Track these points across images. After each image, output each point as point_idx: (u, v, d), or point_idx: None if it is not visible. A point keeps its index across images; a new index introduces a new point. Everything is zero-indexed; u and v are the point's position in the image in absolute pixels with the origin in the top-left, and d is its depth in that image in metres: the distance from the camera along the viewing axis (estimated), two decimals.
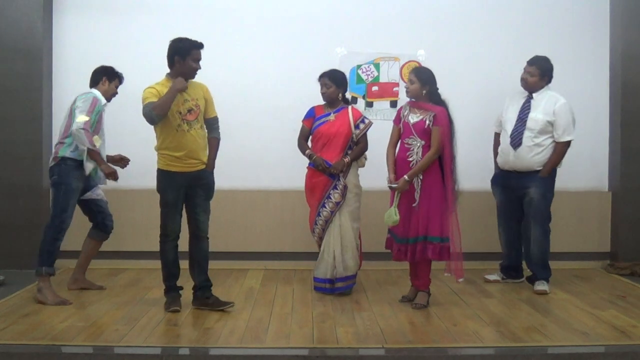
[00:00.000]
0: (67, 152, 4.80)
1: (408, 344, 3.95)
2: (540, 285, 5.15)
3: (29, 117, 5.83)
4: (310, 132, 5.20)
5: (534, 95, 5.23)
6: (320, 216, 5.08)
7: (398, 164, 4.73)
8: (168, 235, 4.60)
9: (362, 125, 5.11)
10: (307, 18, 6.11)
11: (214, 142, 4.66)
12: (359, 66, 6.08)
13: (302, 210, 6.02)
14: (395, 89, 6.05)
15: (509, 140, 5.23)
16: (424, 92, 4.70)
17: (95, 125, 4.84)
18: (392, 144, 4.84)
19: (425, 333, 4.16)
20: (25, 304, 4.71)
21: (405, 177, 4.62)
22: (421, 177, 4.65)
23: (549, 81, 5.25)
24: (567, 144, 5.18)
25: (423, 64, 5.81)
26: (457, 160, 4.75)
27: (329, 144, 5.07)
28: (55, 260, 4.81)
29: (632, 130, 5.99)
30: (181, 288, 4.71)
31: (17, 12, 5.83)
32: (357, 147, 5.12)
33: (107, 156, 5.04)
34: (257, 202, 6.00)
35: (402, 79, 6.00)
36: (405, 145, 4.73)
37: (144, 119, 5.39)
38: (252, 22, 6.09)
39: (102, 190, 5.20)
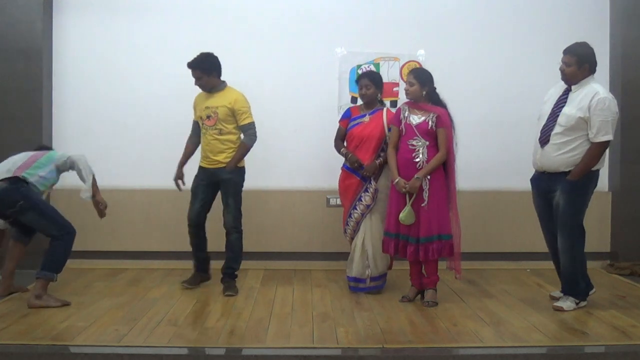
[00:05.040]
0: (31, 179, 4.71)
1: (408, 344, 3.95)
2: (560, 302, 4.67)
3: (29, 117, 5.82)
4: (346, 132, 5.18)
5: (572, 87, 4.62)
6: (351, 217, 5.08)
7: (403, 165, 4.74)
8: (188, 220, 5.14)
9: None
10: (307, 18, 6.11)
11: (241, 145, 5.08)
12: (359, 66, 6.07)
13: (302, 210, 6.04)
14: (395, 89, 6.05)
15: (538, 136, 4.69)
16: (424, 92, 4.74)
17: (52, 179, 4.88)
18: (393, 145, 4.84)
19: (425, 333, 4.16)
20: (25, 304, 4.69)
21: (417, 176, 4.64)
22: (429, 177, 4.67)
23: (592, 70, 4.60)
24: (603, 145, 4.50)
25: (423, 64, 5.82)
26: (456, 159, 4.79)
27: (361, 145, 5.05)
28: None
29: (632, 130, 5.98)
30: (205, 271, 5.28)
31: (17, 12, 5.82)
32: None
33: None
34: (257, 202, 6.00)
35: (402, 79, 6.00)
36: (410, 147, 4.73)
37: (143, 119, 5.43)
38: (251, 22, 6.08)
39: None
